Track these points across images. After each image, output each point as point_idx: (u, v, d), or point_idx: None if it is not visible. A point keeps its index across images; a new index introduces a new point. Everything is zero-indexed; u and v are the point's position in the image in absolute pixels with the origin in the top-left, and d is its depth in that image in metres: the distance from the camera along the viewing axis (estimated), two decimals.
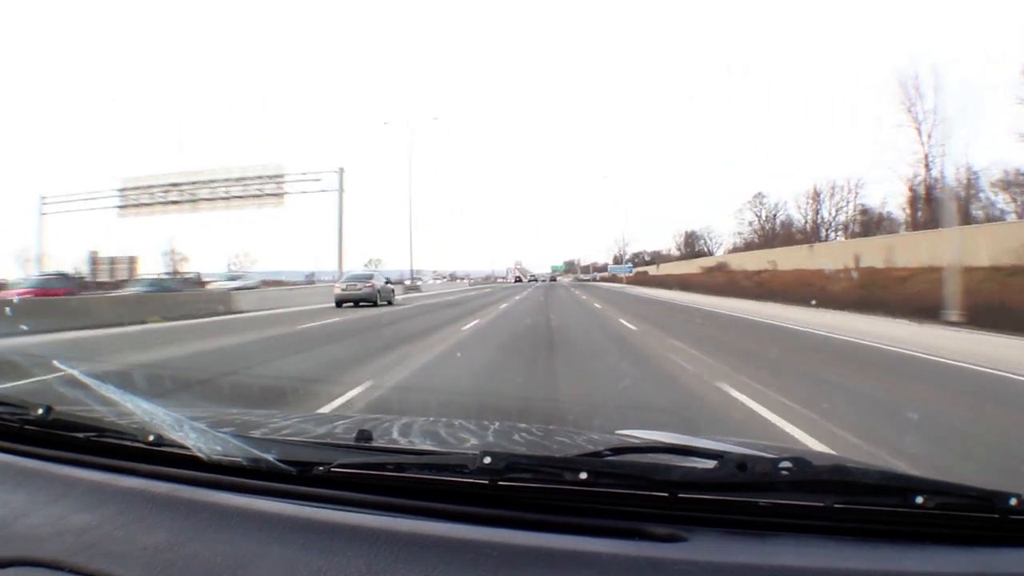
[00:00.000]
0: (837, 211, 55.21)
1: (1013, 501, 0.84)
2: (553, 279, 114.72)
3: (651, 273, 74.41)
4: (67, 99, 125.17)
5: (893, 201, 48.07)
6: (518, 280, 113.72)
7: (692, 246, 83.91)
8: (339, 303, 20.83)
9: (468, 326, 12.99)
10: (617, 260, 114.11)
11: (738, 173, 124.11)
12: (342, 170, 33.17)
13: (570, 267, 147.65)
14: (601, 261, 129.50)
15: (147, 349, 9.69)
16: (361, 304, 20.79)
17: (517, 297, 29.87)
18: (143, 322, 14.76)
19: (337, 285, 22.14)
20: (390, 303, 22.92)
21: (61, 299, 18.77)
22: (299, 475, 1.06)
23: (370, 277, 22.63)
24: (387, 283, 23.96)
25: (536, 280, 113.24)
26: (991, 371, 7.09)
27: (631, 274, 79.82)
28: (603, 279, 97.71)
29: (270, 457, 1.06)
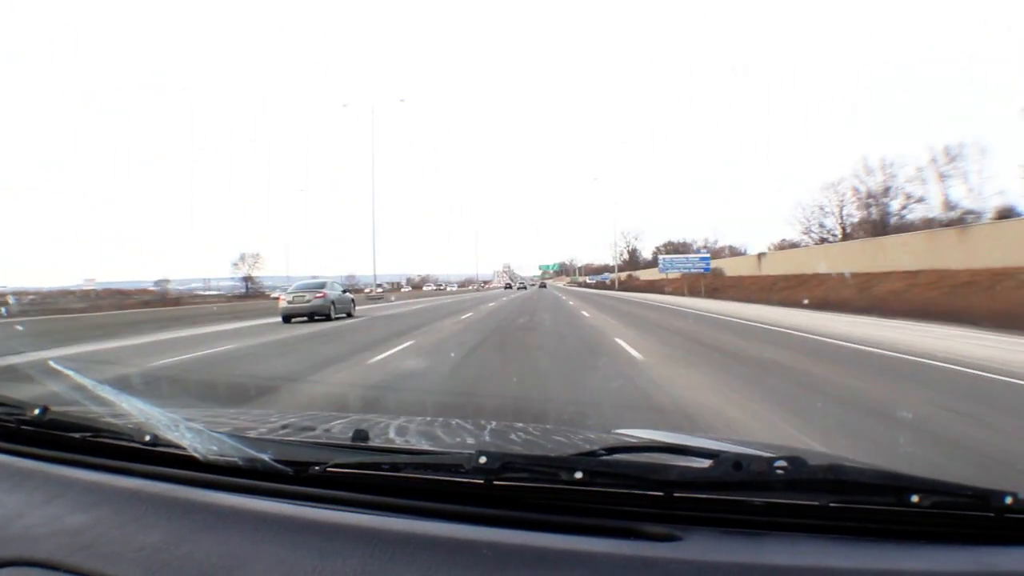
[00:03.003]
0: None
1: (1009, 500, 0.84)
2: (542, 285, 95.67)
3: (728, 272, 46.04)
4: None
5: None
6: (508, 287, 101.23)
7: (881, 219, 35.93)
8: (287, 318, 17.91)
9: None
10: (631, 256, 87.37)
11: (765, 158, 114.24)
12: None
13: (564, 269, 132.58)
14: (599, 261, 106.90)
15: None
16: (315, 318, 18.08)
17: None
18: None
19: (283, 296, 18.91)
20: (349, 315, 20.00)
21: None
22: (295, 475, 1.06)
23: (322, 286, 19.04)
24: (344, 292, 20.92)
25: (525, 287, 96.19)
26: None
27: (695, 272, 41.90)
28: (628, 286, 63.01)
29: (266, 457, 1.06)
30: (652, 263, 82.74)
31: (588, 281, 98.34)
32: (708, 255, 46.84)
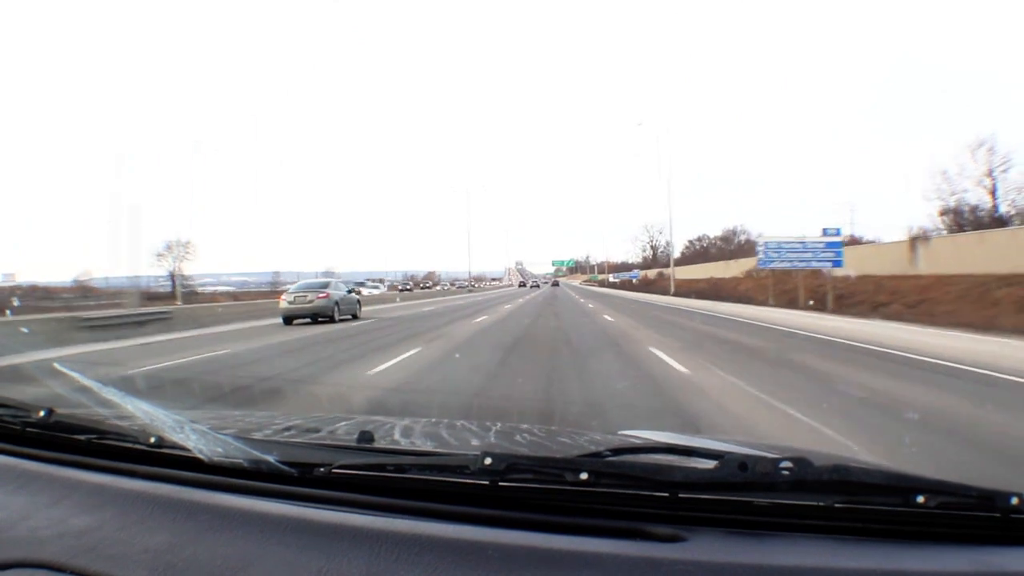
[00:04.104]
0: None
1: (1015, 500, 0.84)
2: (555, 283, 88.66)
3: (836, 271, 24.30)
4: None
5: None
6: (522, 284, 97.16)
7: None
8: (287, 320, 16.97)
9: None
10: (655, 253, 76.10)
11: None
12: None
13: (579, 266, 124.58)
14: (615, 257, 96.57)
15: None
16: (319, 320, 17.05)
17: None
18: None
19: (284, 297, 17.81)
20: (355, 317, 18.83)
21: None
22: (300, 476, 1.06)
23: (325, 286, 18.03)
24: (350, 292, 19.70)
25: (538, 285, 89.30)
26: None
27: (816, 268, 25.19)
28: (662, 288, 43.93)
29: (271, 459, 1.06)
30: (687, 259, 69.36)
31: (612, 279, 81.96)
32: (839, 240, 25.62)
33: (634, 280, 68.73)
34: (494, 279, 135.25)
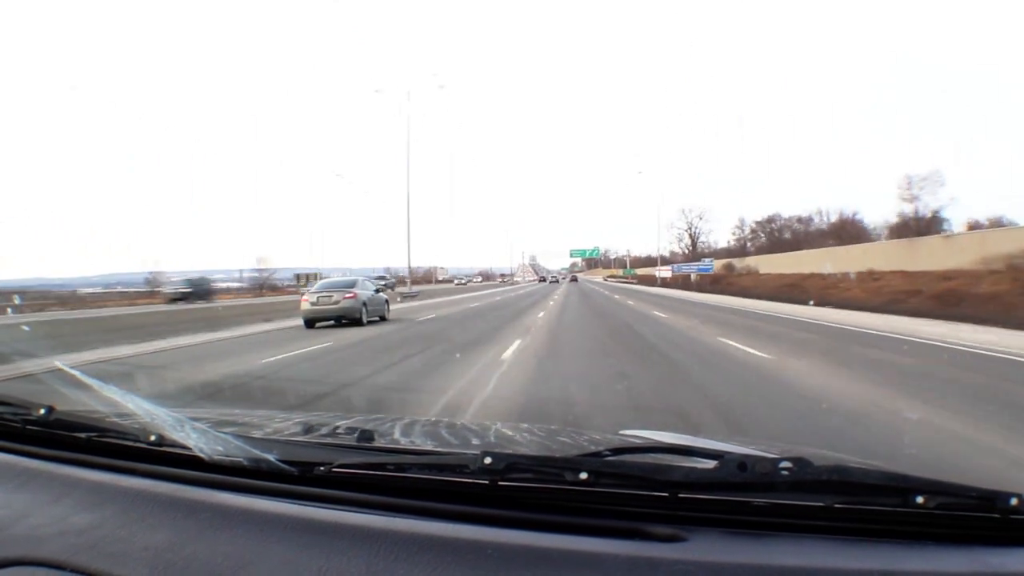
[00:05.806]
0: None
1: (1014, 501, 0.84)
2: (573, 279, 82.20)
3: None
4: None
5: None
6: (542, 280, 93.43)
7: None
8: (309, 322, 15.18)
9: None
10: (694, 244, 55.56)
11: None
12: None
13: (600, 259, 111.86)
14: (640, 251, 79.91)
15: None
16: (343, 322, 15.17)
17: None
18: None
19: (306, 298, 15.83)
20: (383, 319, 16.76)
21: None
22: (300, 475, 1.06)
23: (351, 285, 16.01)
24: (377, 292, 17.44)
25: (557, 280, 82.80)
26: None
27: None
28: (737, 287, 32.55)
29: (271, 457, 1.07)
30: (769, 246, 50.99)
31: (663, 275, 54.34)
32: None
33: (694, 275, 45.25)
34: (503, 275, 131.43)
